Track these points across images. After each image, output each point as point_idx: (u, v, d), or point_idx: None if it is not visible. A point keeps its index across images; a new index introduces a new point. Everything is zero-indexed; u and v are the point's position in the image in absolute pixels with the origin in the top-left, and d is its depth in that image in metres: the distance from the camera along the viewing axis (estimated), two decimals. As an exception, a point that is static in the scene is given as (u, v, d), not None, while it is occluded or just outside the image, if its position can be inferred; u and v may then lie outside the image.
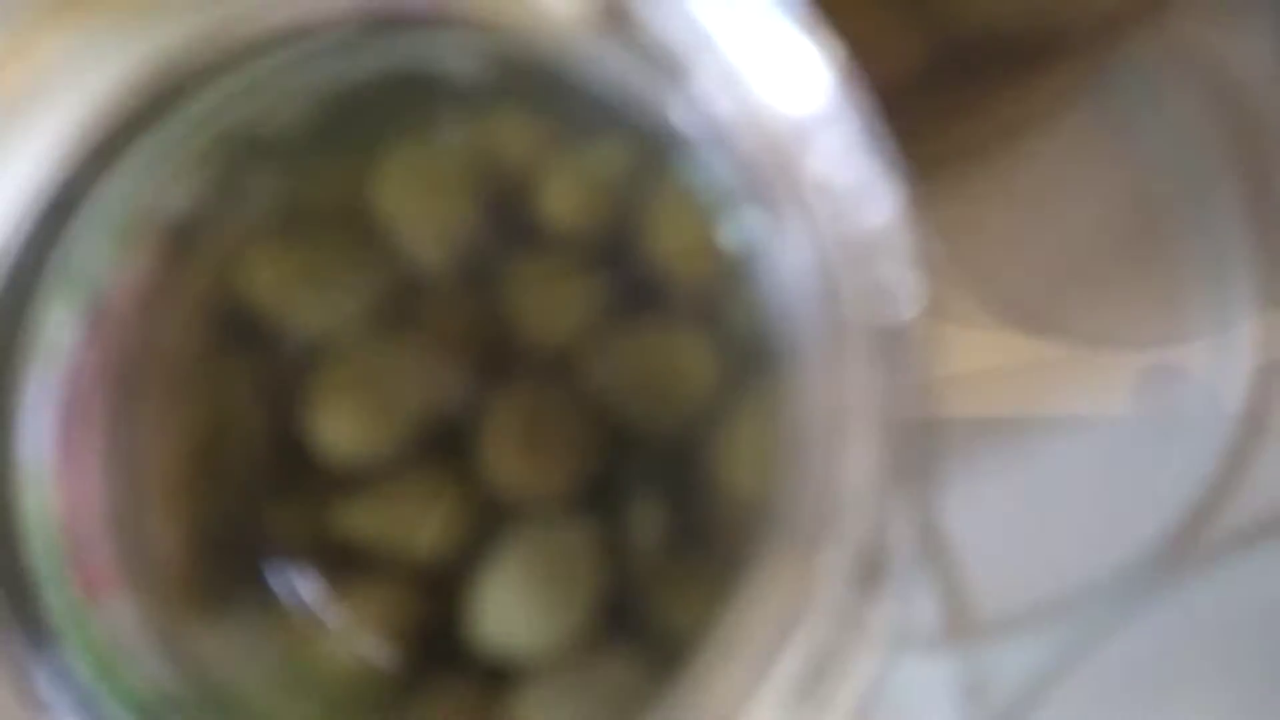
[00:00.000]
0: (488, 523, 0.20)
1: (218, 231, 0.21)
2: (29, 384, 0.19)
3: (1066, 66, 0.27)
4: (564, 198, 0.20)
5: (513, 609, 0.19)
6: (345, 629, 0.20)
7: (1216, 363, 0.29)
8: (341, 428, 0.20)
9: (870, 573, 0.15)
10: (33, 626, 0.19)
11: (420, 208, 0.20)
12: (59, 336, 0.20)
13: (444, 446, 0.20)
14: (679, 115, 0.17)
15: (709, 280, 0.20)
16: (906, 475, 0.15)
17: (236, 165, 0.21)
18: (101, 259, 0.20)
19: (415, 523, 0.20)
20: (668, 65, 0.17)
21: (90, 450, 0.20)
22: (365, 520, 0.20)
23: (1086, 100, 0.29)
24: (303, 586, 0.21)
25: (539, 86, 0.20)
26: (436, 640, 0.20)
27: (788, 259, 0.16)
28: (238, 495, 0.21)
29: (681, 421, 0.20)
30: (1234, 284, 0.29)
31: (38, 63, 0.18)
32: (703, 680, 0.17)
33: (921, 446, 0.15)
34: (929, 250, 0.16)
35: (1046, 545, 0.29)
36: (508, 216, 0.21)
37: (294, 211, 0.21)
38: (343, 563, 0.20)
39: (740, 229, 0.19)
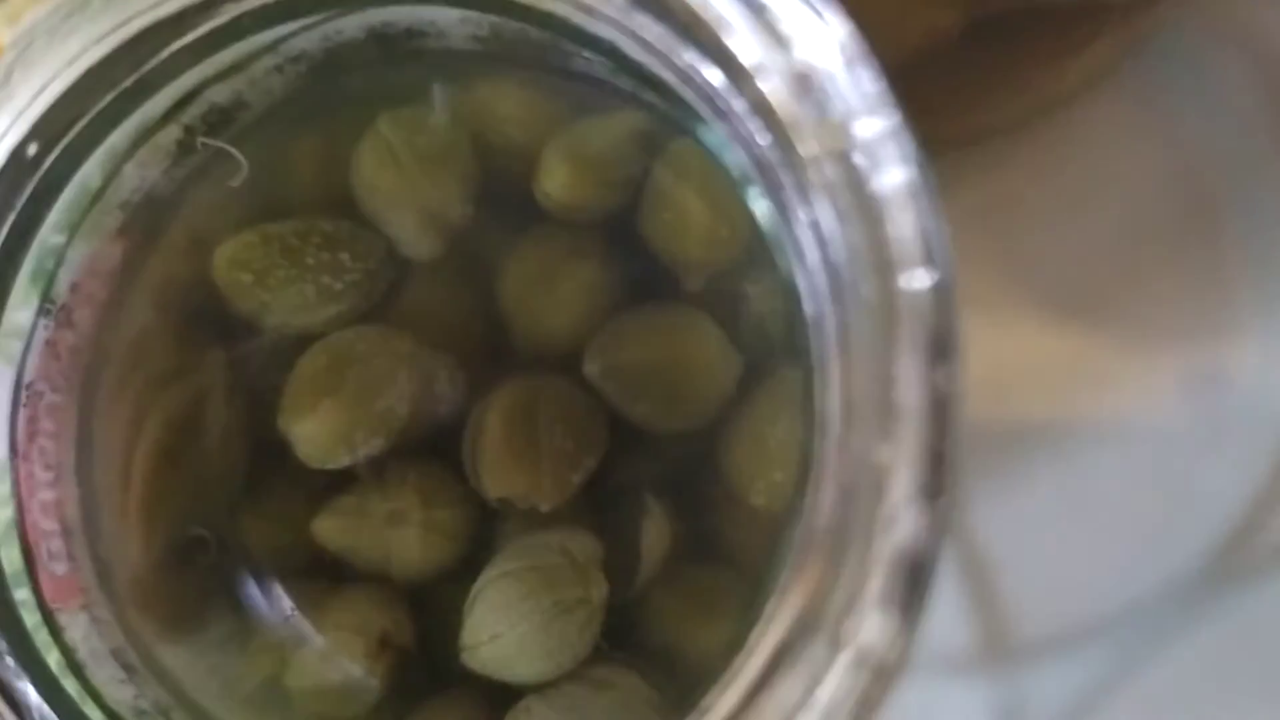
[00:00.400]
0: (481, 529, 0.20)
1: (191, 217, 0.20)
2: None
3: (1105, 39, 0.26)
4: (559, 174, 0.19)
5: (503, 638, 0.18)
6: (326, 645, 0.19)
7: (1265, 362, 0.28)
8: (317, 432, 0.19)
9: (908, 586, 0.14)
10: (17, 636, 0.18)
11: (406, 188, 0.20)
12: (23, 329, 0.19)
13: (433, 450, 0.20)
14: (702, 81, 0.16)
15: (726, 264, 0.19)
16: (944, 473, 0.14)
17: (214, 147, 0.20)
18: (70, 246, 0.19)
19: (396, 536, 0.19)
20: (694, 27, 0.16)
21: (52, 455, 0.19)
22: (344, 532, 0.19)
23: (1125, 75, 0.28)
24: (281, 599, 0.20)
25: (540, 56, 0.19)
26: (430, 655, 0.19)
27: (809, 235, 0.15)
28: (211, 501, 0.20)
29: (694, 421, 0.19)
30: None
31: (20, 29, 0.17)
32: (722, 707, 0.16)
33: (958, 439, 0.14)
34: (959, 235, 0.15)
35: (1087, 560, 0.28)
36: (504, 198, 0.20)
37: (273, 191, 0.20)
38: (323, 574, 0.19)
39: (760, 207, 0.18)
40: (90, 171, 0.19)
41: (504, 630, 0.18)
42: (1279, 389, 0.28)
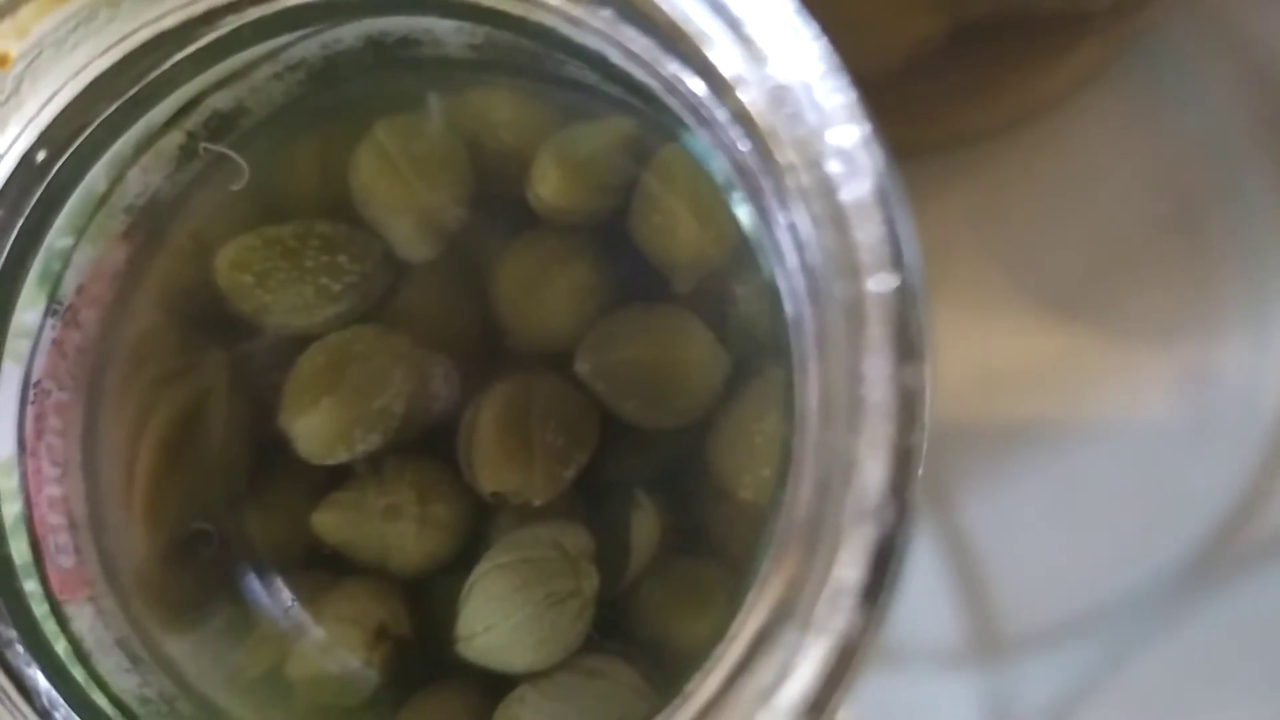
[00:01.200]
0: (476, 523, 0.20)
1: (193, 220, 0.21)
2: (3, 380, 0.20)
3: (1091, 41, 0.27)
4: (551, 179, 0.20)
5: (497, 628, 0.19)
6: (326, 635, 0.20)
7: (1252, 359, 0.29)
8: (316, 428, 0.20)
9: (877, 574, 0.15)
10: (26, 626, 0.19)
11: (402, 192, 0.21)
12: (31, 330, 0.20)
13: (428, 447, 0.21)
14: (686, 91, 0.17)
15: (712, 266, 0.20)
16: (911, 466, 0.15)
17: (216, 152, 0.21)
18: (76, 249, 0.20)
19: (393, 530, 0.20)
20: (677, 40, 0.17)
21: (59, 451, 0.20)
22: (342, 526, 0.20)
23: (1114, 76, 0.29)
24: (281, 591, 0.21)
25: (532, 64, 0.20)
26: (427, 645, 0.20)
27: (788, 238, 0.16)
28: (213, 496, 0.21)
29: (683, 418, 0.20)
30: (1271, 270, 0.29)
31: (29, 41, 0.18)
32: (704, 692, 0.17)
33: (924, 434, 0.15)
34: (949, 236, 0.16)
35: (1076, 555, 0.29)
36: (497, 202, 0.21)
37: (273, 195, 0.21)
38: (323, 567, 0.20)
39: (743, 211, 0.19)
40: (96, 177, 0.20)
41: (498, 621, 0.19)
42: (1265, 386, 0.29)
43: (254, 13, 0.19)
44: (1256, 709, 0.28)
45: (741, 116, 0.16)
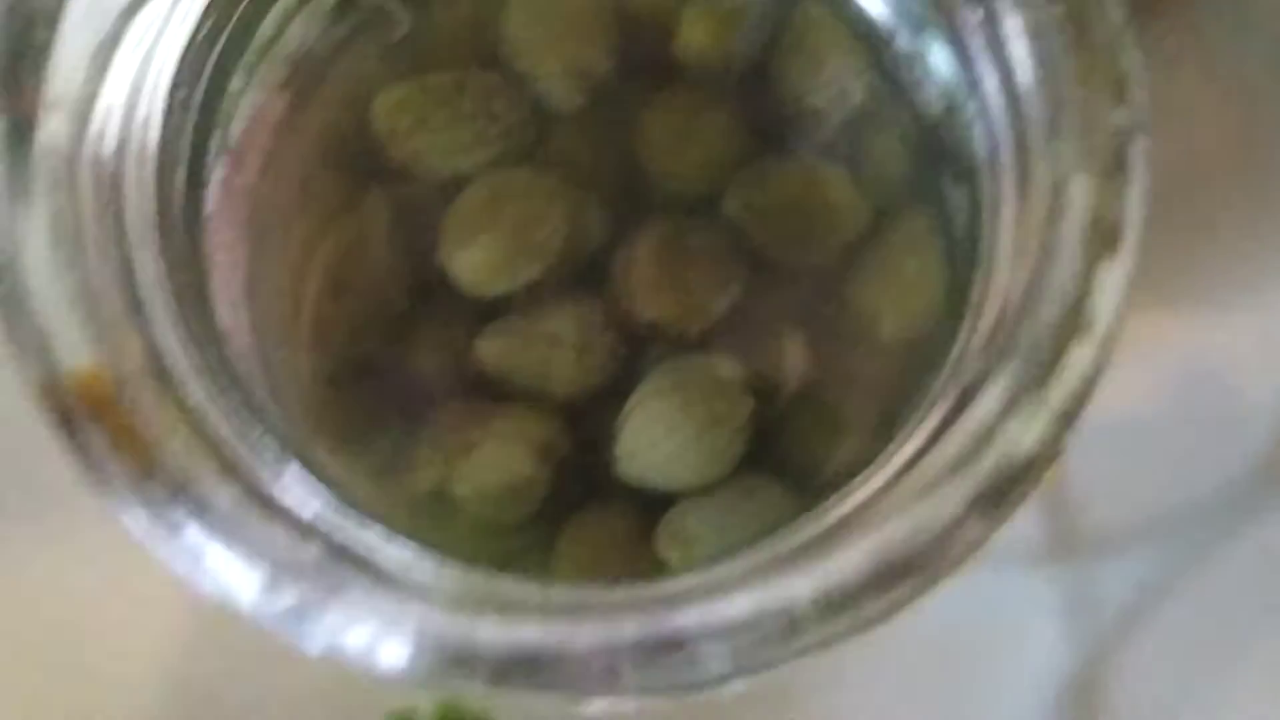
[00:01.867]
0: (629, 356, 0.21)
1: (350, 72, 0.22)
2: None
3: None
4: (700, 27, 0.21)
5: (659, 445, 0.20)
6: (491, 453, 0.21)
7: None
8: (478, 262, 0.21)
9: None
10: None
11: (551, 43, 0.22)
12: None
13: (584, 280, 0.22)
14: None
15: (855, 114, 0.22)
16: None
17: (374, 4, 0.22)
18: (243, 94, 0.21)
19: (554, 356, 0.21)
20: None
21: (230, 287, 0.21)
22: (505, 352, 0.21)
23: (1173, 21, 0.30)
24: (446, 415, 0.21)
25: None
26: (586, 467, 0.21)
27: (987, 60, 0.18)
28: (376, 328, 0.22)
29: (828, 256, 0.22)
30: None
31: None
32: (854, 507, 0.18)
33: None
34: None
35: (1154, 457, 0.29)
36: (643, 51, 0.22)
37: (426, 47, 0.22)
38: (486, 393, 0.21)
39: (892, 60, 0.21)
40: (268, 24, 0.21)
41: (659, 439, 0.20)
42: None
43: None
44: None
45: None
